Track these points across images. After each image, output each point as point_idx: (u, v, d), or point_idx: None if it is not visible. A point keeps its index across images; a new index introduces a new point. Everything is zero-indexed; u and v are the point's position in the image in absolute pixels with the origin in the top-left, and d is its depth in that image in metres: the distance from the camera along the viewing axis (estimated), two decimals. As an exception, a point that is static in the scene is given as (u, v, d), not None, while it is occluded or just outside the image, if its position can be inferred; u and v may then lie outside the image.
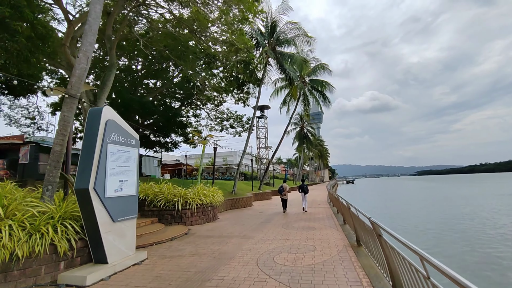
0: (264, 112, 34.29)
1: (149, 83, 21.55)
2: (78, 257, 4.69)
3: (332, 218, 10.14)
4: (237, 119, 22.91)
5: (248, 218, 11.19)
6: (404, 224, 17.62)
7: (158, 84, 21.09)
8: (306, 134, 49.48)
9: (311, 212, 12.40)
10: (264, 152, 33.86)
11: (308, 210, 13.22)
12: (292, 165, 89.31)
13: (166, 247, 6.43)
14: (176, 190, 10.15)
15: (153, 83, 21.39)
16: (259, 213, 12.93)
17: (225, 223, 9.86)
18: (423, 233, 14.72)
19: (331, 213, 11.64)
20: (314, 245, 6.06)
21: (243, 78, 23.04)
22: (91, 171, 4.45)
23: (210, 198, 10.60)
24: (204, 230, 8.52)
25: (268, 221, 9.96)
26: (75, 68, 5.17)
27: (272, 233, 7.68)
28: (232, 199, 15.42)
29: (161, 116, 18.29)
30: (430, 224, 17.05)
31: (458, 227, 15.81)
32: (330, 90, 24.29)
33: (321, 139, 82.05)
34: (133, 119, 18.71)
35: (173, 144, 21.09)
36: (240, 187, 22.10)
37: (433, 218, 19.50)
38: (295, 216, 11.23)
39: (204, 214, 10.16)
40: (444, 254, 10.62)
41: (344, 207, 8.05)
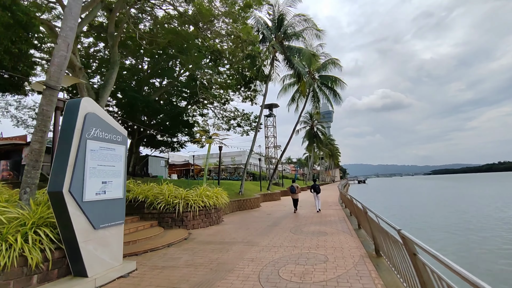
0: (272, 110, 33.52)
1: (155, 82, 21.22)
2: (55, 269, 4.12)
3: (345, 221, 9.32)
4: (244, 117, 22.27)
5: (254, 221, 10.50)
6: (427, 226, 16.45)
7: (164, 83, 20.71)
8: (316, 133, 48.31)
9: (322, 214, 11.58)
10: (273, 152, 33.10)
11: (320, 212, 12.43)
12: (302, 165, 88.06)
13: (161, 255, 5.82)
14: (177, 191, 9.58)
15: (159, 82, 21.04)
16: (266, 215, 12.22)
17: (229, 227, 9.20)
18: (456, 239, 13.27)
19: (344, 216, 10.79)
20: (326, 254, 5.30)
21: (250, 75, 22.42)
22: (65, 172, 3.87)
23: (214, 199, 9.97)
24: (206, 235, 7.89)
25: (276, 225, 9.24)
26: (54, 55, 4.63)
27: (278, 238, 6.95)
28: (239, 200, 14.77)
29: (167, 115, 17.87)
30: (462, 229, 15.60)
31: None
32: (341, 86, 23.29)
33: (332, 138, 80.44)
34: (139, 118, 18.40)
35: (179, 144, 20.68)
36: (248, 188, 21.45)
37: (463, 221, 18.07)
38: (305, 218, 10.46)
39: (207, 217, 9.54)
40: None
41: (359, 210, 7.23)
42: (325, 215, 11.28)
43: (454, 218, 18.52)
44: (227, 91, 23.58)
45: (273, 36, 18.71)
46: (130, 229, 7.67)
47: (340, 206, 15.13)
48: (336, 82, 23.14)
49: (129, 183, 10.15)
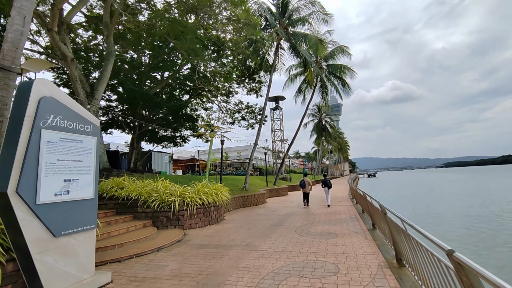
0: (279, 103, 32.48)
1: (156, 75, 20.56)
2: (9, 284, 3.44)
3: (357, 220, 8.43)
4: (249, 110, 21.43)
5: (257, 219, 9.72)
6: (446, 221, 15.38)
7: (165, 76, 19.98)
8: (324, 126, 47.00)
9: (332, 211, 10.71)
10: (279, 146, 32.19)
11: (329, 208, 11.57)
12: (310, 159, 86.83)
13: (146, 261, 5.11)
14: (173, 188, 8.88)
15: (160, 75, 20.36)
16: (271, 212, 11.43)
17: (230, 226, 8.46)
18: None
19: (355, 213, 9.89)
20: (337, 263, 4.46)
21: (254, 66, 21.48)
22: (12, 168, 3.14)
23: (213, 197, 9.23)
24: (202, 236, 7.16)
25: (280, 224, 8.44)
26: (7, 30, 3.89)
27: (282, 241, 6.15)
28: (243, 196, 14.03)
29: (168, 109, 17.19)
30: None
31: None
32: (351, 76, 21.99)
33: (341, 131, 78.73)
34: (140, 113, 17.80)
35: (182, 139, 20.03)
36: (254, 183, 20.71)
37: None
38: (313, 216, 9.61)
39: (205, 216, 8.82)
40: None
41: (374, 209, 6.34)
42: (335, 212, 10.40)
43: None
44: (231, 83, 22.77)
45: (277, 22, 17.64)
46: (120, 230, 7.02)
47: (350, 201, 14.21)
48: (345, 71, 21.88)
49: (123, 180, 9.52)
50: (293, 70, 22.77)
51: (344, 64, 22.00)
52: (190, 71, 19.19)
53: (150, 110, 16.54)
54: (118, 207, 8.60)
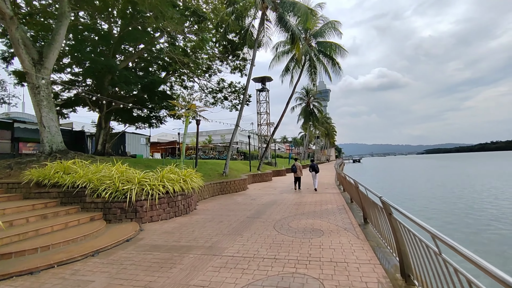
0: (265, 84, 30.80)
1: (129, 48, 18.37)
2: None
3: (345, 212, 7.37)
4: (232, 88, 19.82)
5: (233, 209, 8.52)
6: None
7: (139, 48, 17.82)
8: (312, 110, 45.87)
9: (317, 200, 9.66)
10: (265, 129, 30.87)
11: (314, 196, 10.54)
12: (297, 144, 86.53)
13: (68, 274, 3.78)
14: (132, 174, 7.45)
15: (133, 46, 18.17)
16: (251, 200, 10.27)
17: (198, 219, 7.20)
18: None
19: (343, 203, 8.87)
20: (322, 279, 3.29)
21: (238, 40, 19.64)
22: None
23: (181, 184, 7.89)
24: (160, 232, 5.87)
25: (258, 216, 7.26)
26: None
27: (255, 241, 4.95)
28: (221, 183, 12.78)
29: (139, 84, 15.31)
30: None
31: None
32: (342, 55, 20.58)
33: (328, 117, 78.28)
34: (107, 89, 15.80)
35: (157, 119, 18.26)
36: (236, 168, 19.49)
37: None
38: (296, 206, 8.51)
39: (171, 206, 7.50)
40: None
41: (368, 201, 5.24)
42: (321, 201, 9.35)
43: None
44: (213, 59, 20.94)
45: (263, -10, 15.77)
46: (54, 226, 5.61)
47: (337, 189, 13.29)
48: (336, 50, 20.43)
49: (72, 163, 7.98)
50: (281, 47, 21.10)
51: (334, 42, 20.53)
52: (168, 45, 17.17)
53: (120, 86, 14.63)
54: (63, 196, 7.14)
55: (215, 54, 21.43)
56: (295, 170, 13.51)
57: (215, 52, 21.43)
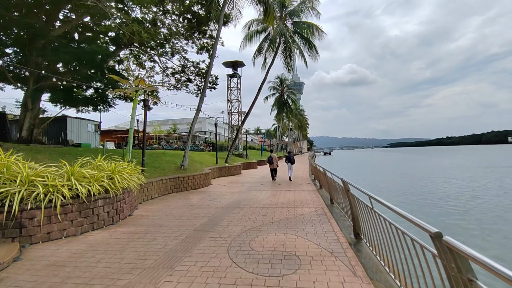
0: (237, 70, 28.45)
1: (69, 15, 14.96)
2: None
3: (326, 218, 5.66)
4: (196, 68, 17.36)
5: (182, 215, 6.44)
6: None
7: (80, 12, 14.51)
8: (286, 100, 44.43)
9: (291, 200, 7.91)
10: (236, 119, 28.70)
11: (287, 195, 8.79)
12: (271, 136, 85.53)
13: None
14: (16, 170, 5.01)
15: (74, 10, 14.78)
16: (209, 201, 8.24)
17: (126, 233, 5.03)
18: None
19: (322, 204, 7.20)
20: None
21: (204, 14, 17.08)
22: None
23: (104, 183, 5.62)
24: (45, 265, 3.64)
25: (211, 227, 5.27)
26: None
27: (191, 285, 2.97)
28: (177, 178, 10.55)
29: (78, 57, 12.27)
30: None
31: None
32: (319, 36, 18.93)
33: (302, 109, 77.96)
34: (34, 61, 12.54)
35: (103, 101, 15.18)
36: (201, 160, 17.26)
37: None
38: (265, 209, 6.64)
39: (85, 215, 5.21)
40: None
41: (356, 208, 3.51)
42: (295, 202, 7.60)
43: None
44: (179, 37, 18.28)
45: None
46: None
47: (312, 184, 11.73)
48: (313, 32, 18.70)
49: None
50: (253, 26, 18.89)
51: (312, 22, 18.73)
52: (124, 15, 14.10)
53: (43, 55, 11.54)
54: None
55: (179, 30, 18.72)
56: (271, 161, 13.57)
57: (179, 28, 18.71)
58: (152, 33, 13.49)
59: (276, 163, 13.62)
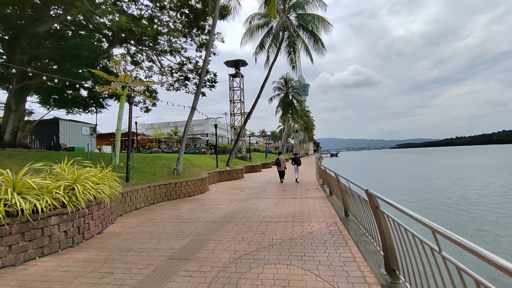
0: (239, 69, 27.35)
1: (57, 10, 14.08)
2: None
3: (343, 239, 4.38)
4: (192, 64, 16.32)
5: (162, 231, 5.24)
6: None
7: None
8: (291, 101, 43.11)
9: (296, 211, 6.63)
10: (239, 120, 27.55)
11: (292, 204, 7.51)
12: (276, 138, 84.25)
13: None
14: None
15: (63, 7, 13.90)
16: (200, 212, 7.01)
17: (81, 261, 3.85)
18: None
19: (334, 216, 5.91)
20: None
21: (201, 7, 16.04)
22: None
23: (60, 195, 4.47)
24: None
25: (192, 252, 4.05)
26: None
27: None
28: (168, 185, 9.38)
29: (61, 53, 11.29)
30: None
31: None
32: (325, 29, 17.63)
33: (307, 110, 76.49)
34: (19, 58, 11.64)
35: (93, 101, 14.16)
36: (200, 163, 16.13)
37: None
38: (264, 226, 5.39)
39: (30, 238, 4.05)
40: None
41: (387, 228, 2.25)
42: (302, 213, 6.33)
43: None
44: (178, 35, 17.38)
45: None
46: None
47: (321, 189, 10.43)
48: (318, 25, 17.41)
49: None
50: (255, 20, 17.77)
51: (317, 14, 17.46)
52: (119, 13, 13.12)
53: (19, 49, 10.58)
54: None
55: (177, 27, 17.77)
56: (279, 163, 13.57)
57: (177, 24, 17.76)
58: (142, 25, 12.40)
59: (284, 165, 13.57)
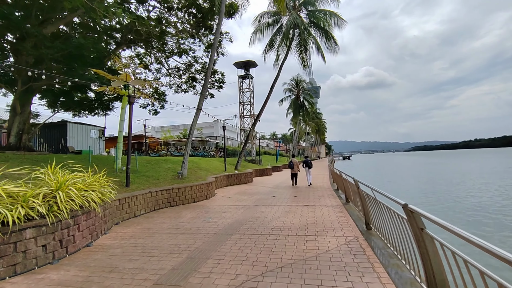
0: (249, 70, 26.82)
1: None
2: None
3: (367, 260, 3.59)
4: (199, 64, 15.88)
5: (156, 247, 4.61)
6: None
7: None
8: (302, 102, 42.17)
9: (309, 221, 5.86)
10: (249, 122, 26.94)
11: (304, 212, 6.74)
12: (287, 141, 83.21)
13: None
14: None
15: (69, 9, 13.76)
16: (202, 221, 6.36)
17: (54, 284, 3.25)
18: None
19: (354, 229, 5.11)
20: None
21: (209, 6, 15.62)
22: None
23: (36, 204, 3.92)
24: None
25: (184, 276, 3.38)
26: None
27: None
28: (170, 190, 8.80)
29: (64, 54, 11.01)
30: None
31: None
32: (338, 25, 16.73)
33: (319, 112, 75.12)
34: (23, 60, 11.48)
35: (101, 104, 13.89)
36: (208, 167, 15.55)
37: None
38: (271, 241, 4.67)
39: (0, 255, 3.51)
40: None
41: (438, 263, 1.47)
42: (316, 225, 5.55)
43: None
44: (186, 36, 17.10)
45: None
46: None
47: (335, 195, 9.58)
48: (330, 22, 16.54)
49: None
50: (264, 18, 17.18)
51: (329, 10, 16.62)
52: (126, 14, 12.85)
53: (23, 49, 10.36)
54: None
55: (185, 28, 17.47)
56: (292, 166, 13.66)
57: (185, 25, 17.48)
58: (146, 23, 12.02)
59: (297, 168, 13.61)
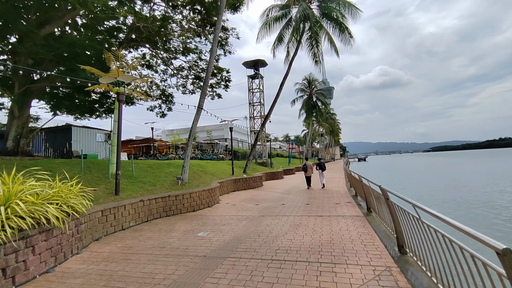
0: (258, 70, 25.86)
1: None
2: None
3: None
4: (203, 61, 15.08)
5: (127, 276, 3.63)
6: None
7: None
8: (315, 103, 40.69)
9: (324, 239, 4.73)
10: (259, 123, 25.92)
11: (317, 224, 5.60)
12: (300, 143, 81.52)
13: None
14: None
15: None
16: (194, 238, 5.36)
17: None
18: None
19: (383, 253, 3.94)
20: None
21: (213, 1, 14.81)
22: None
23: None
24: None
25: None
26: None
27: None
28: (166, 198, 7.88)
29: (57, 53, 10.41)
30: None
31: None
32: (353, 15, 15.33)
33: (333, 112, 73.01)
34: (23, 61, 11.05)
35: (102, 106, 13.32)
36: (214, 170, 14.62)
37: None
38: (277, 266, 3.59)
39: None
40: None
41: None
42: (332, 247, 4.41)
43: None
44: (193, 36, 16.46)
45: None
46: None
47: (354, 202, 8.34)
48: (344, 12, 15.21)
49: None
50: (273, 12, 16.17)
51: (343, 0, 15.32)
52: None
53: (17, 48, 9.84)
54: None
55: (191, 27, 16.83)
56: (306, 169, 13.55)
57: (190, 24, 16.85)
58: (143, 17, 11.30)
59: (311, 171, 13.57)
